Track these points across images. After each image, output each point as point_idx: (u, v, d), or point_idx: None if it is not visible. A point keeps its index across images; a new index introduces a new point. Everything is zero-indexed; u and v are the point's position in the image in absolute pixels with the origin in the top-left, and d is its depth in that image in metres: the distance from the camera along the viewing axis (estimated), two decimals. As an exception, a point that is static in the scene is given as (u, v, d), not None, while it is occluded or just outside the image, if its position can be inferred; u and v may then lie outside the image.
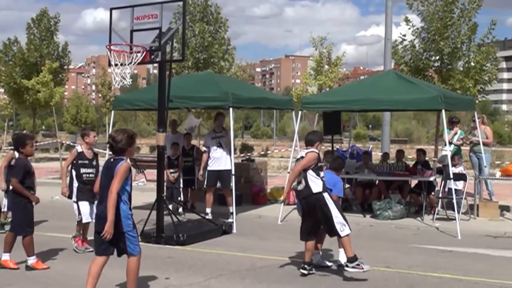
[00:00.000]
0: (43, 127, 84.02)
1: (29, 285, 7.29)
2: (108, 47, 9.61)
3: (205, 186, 12.14)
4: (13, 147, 8.75)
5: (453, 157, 12.83)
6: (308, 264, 7.70)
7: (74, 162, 8.90)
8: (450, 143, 13.18)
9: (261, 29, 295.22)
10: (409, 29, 16.17)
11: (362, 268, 7.23)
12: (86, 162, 8.87)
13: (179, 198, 13.00)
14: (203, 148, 12.26)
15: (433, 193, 12.91)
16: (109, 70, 9.91)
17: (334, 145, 15.90)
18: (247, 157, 23.25)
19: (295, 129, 13.10)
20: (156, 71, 12.78)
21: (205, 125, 22.03)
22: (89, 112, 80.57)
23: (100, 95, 37.42)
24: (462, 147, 14.26)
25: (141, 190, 15.63)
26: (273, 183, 16.20)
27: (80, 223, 8.97)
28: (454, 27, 15.42)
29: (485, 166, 13.61)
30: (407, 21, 16.29)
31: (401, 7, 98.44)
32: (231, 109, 11.59)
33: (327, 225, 7.58)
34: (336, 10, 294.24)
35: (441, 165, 13.50)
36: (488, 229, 11.37)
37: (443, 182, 12.86)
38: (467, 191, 12.52)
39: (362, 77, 60.66)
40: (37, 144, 31.41)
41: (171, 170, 12.80)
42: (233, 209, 11.53)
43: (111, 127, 13.87)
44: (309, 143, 7.85)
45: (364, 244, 8.65)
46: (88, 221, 8.82)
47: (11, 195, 8.06)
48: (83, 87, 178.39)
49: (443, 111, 11.59)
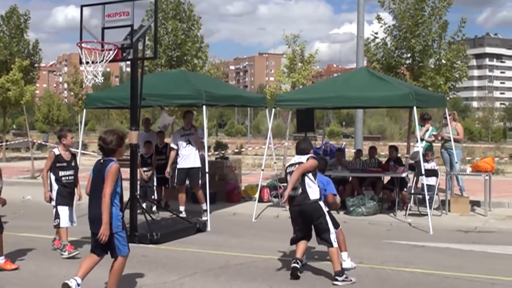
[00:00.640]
0: (14, 126, 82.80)
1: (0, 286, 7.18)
2: (79, 44, 9.51)
3: (174, 185, 12.13)
4: None
5: (426, 153, 12.98)
6: (300, 260, 7.56)
7: (52, 165, 8.69)
8: (422, 139, 13.35)
9: (234, 26, 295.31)
10: (381, 27, 16.30)
11: (351, 280, 7.25)
12: (65, 164, 8.71)
13: (153, 197, 12.93)
14: (171, 145, 12.20)
15: (405, 189, 13.05)
16: (81, 68, 9.81)
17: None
18: (221, 155, 23.24)
19: (269, 127, 13.14)
20: (129, 69, 12.70)
21: (178, 123, 21.88)
22: (61, 110, 79.52)
23: (72, 93, 37.01)
24: (433, 144, 14.44)
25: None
26: (248, 181, 16.22)
27: (57, 227, 8.73)
28: (425, 25, 15.58)
29: (456, 162, 13.80)
30: (379, 19, 16.42)
31: (373, 5, 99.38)
32: (204, 107, 11.57)
33: (321, 234, 7.47)
34: (309, 8, 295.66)
35: (413, 162, 13.66)
36: (459, 224, 11.54)
37: (415, 178, 13.02)
38: (438, 187, 12.68)
39: (335, 75, 61.04)
40: (8, 143, 30.95)
41: (145, 169, 12.73)
42: (206, 205, 11.51)
43: (83, 125, 13.73)
44: (303, 151, 7.69)
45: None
46: (67, 226, 8.66)
47: None
48: (55, 85, 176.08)
49: (415, 108, 11.73)
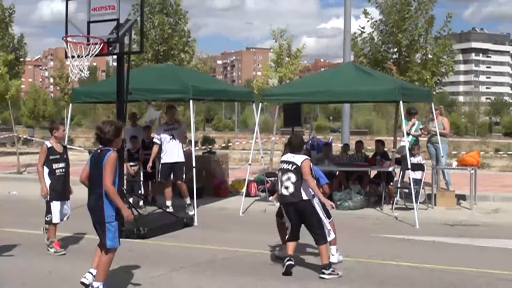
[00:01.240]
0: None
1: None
2: (64, 39, 9.45)
3: (159, 180, 12.11)
4: None
5: (412, 147, 13.05)
6: (292, 257, 7.48)
7: (46, 158, 8.52)
8: (408, 134, 13.41)
9: (222, 21, 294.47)
10: (368, 21, 16.33)
11: (337, 274, 7.27)
12: (58, 156, 8.59)
13: (139, 192, 12.89)
14: (154, 140, 12.13)
15: (391, 183, 13.12)
16: (67, 63, 9.74)
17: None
18: (208, 149, 23.20)
19: (256, 121, 13.13)
20: (115, 63, 12.65)
21: (165, 117, 21.83)
22: (47, 105, 79.09)
23: (58, 88, 36.72)
24: (420, 138, 14.52)
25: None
26: (235, 175, 16.22)
27: (49, 223, 8.56)
28: (411, 19, 15.63)
29: (442, 156, 13.89)
30: (366, 13, 16.44)
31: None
32: (191, 101, 11.54)
33: (316, 231, 7.41)
34: (296, 3, 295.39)
35: (399, 156, 13.72)
36: (445, 217, 11.62)
37: (401, 172, 13.08)
38: (424, 180, 12.76)
39: (322, 69, 61.11)
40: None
41: (131, 164, 12.69)
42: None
43: (69, 120, 13.64)
44: (298, 147, 7.58)
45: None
46: (57, 222, 8.60)
47: None
48: (40, 80, 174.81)
49: (401, 102, 11.77)
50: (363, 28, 16.56)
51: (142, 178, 13.00)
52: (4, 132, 39.90)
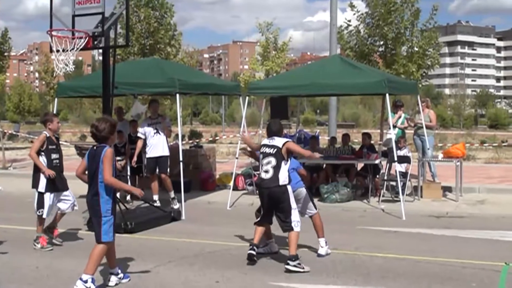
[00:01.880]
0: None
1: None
2: (49, 33, 9.37)
3: (145, 174, 12.08)
4: None
5: (399, 140, 13.12)
6: (257, 246, 7.66)
7: (45, 148, 8.38)
8: (395, 126, 13.47)
9: (208, 14, 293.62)
10: (354, 14, 16.39)
11: (303, 268, 7.25)
12: (54, 147, 8.51)
13: (126, 186, 12.83)
14: (138, 135, 12.10)
15: (378, 176, 13.18)
16: (52, 57, 9.66)
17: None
18: (195, 143, 23.16)
19: (243, 115, 13.13)
20: (101, 57, 12.60)
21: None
22: (32, 100, 78.61)
23: (43, 82, 36.47)
24: (406, 130, 14.59)
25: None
26: (222, 169, 16.21)
27: (40, 217, 8.45)
28: (397, 12, 15.70)
29: (428, 149, 13.97)
30: (352, 6, 16.49)
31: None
32: (178, 95, 11.51)
33: (284, 218, 7.47)
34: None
35: (386, 148, 13.78)
36: (431, 209, 11.71)
37: (388, 165, 13.15)
38: (411, 173, 12.83)
39: (309, 63, 61.19)
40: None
41: (118, 158, 12.61)
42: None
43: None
44: (278, 132, 7.66)
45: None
46: (47, 217, 8.50)
47: None
48: (25, 74, 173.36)
49: (387, 95, 11.83)
50: (350, 21, 16.61)
51: (129, 173, 12.95)
52: (-11, 127, 39.54)
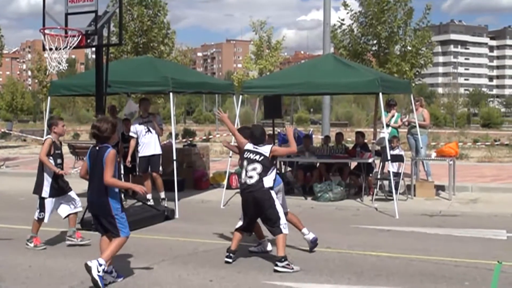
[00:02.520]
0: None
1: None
2: (42, 31, 9.33)
3: (138, 173, 12.07)
4: None
5: (392, 140, 13.14)
6: (233, 253, 7.59)
7: (51, 153, 8.29)
8: (388, 125, 13.50)
9: (202, 13, 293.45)
10: (348, 13, 16.42)
11: (292, 268, 7.24)
12: (59, 152, 8.47)
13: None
14: (130, 134, 12.07)
15: (371, 174, 13.20)
16: (45, 55, 9.62)
17: (276, 128, 16.01)
18: (189, 142, 23.14)
19: (237, 114, 13.12)
20: (94, 56, 12.58)
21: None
22: (25, 98, 78.27)
23: (36, 81, 36.32)
24: (399, 129, 14.63)
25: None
26: (216, 168, 16.20)
27: (40, 221, 8.42)
28: (390, 11, 15.74)
29: (422, 148, 14.00)
30: (345, 5, 16.52)
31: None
32: (171, 94, 11.50)
33: (272, 224, 7.43)
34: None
35: (379, 147, 13.81)
36: (424, 208, 11.74)
37: (381, 164, 13.17)
38: (404, 171, 12.86)
39: (302, 61, 61.19)
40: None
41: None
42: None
43: (48, 113, 13.52)
44: (261, 137, 7.56)
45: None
46: (47, 221, 8.47)
47: None
48: (18, 72, 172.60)
49: (380, 94, 11.85)
50: (343, 20, 16.64)
51: (122, 172, 12.91)
52: (-19, 126, 39.40)
